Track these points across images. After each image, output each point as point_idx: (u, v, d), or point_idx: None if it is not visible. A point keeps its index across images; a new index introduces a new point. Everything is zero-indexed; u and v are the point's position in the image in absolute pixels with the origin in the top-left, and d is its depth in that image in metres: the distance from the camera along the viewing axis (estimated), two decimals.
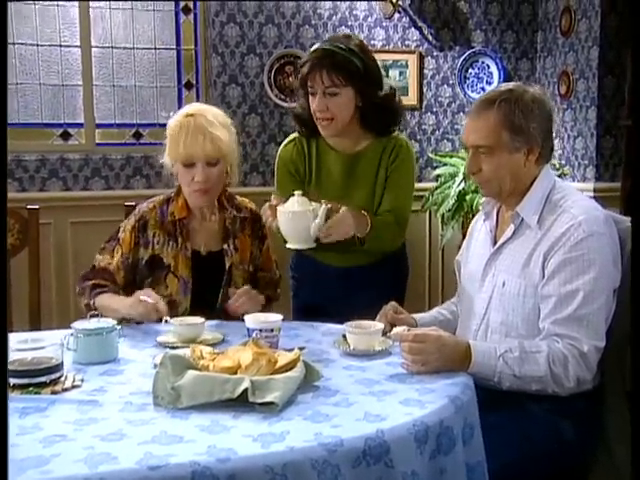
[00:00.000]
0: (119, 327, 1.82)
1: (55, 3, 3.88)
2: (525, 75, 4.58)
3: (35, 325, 2.56)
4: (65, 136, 3.97)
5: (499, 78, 4.46)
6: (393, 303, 2.00)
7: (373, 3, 4.23)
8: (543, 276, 1.76)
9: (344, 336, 1.86)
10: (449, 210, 3.99)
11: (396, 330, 1.70)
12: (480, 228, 2.02)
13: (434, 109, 4.43)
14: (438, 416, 1.39)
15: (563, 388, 1.69)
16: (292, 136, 2.43)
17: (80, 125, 3.99)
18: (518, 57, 4.57)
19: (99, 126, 4.01)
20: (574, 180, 4.24)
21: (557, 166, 4.15)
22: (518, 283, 1.80)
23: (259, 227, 2.30)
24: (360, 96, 2.21)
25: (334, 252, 2.35)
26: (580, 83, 4.21)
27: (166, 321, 1.96)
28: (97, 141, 3.99)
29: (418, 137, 4.42)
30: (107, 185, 3.88)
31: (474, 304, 1.92)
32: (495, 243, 1.91)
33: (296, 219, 2.04)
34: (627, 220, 1.87)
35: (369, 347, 1.81)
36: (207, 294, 2.18)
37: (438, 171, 4.22)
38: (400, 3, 4.24)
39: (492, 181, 1.84)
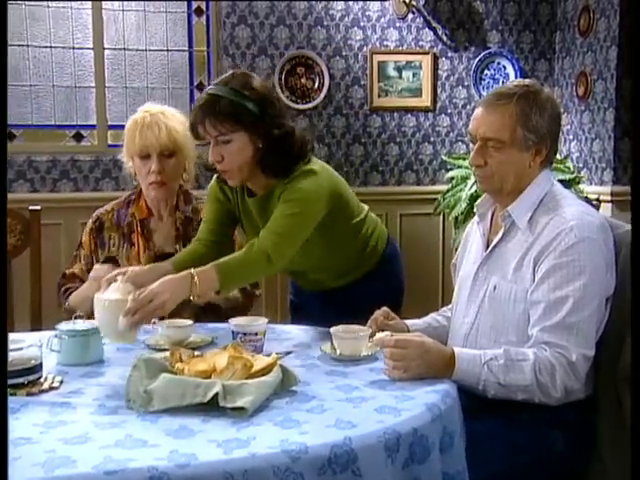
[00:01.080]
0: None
1: (69, 5, 3.92)
2: (543, 76, 4.50)
3: (36, 325, 2.57)
4: (77, 137, 4.01)
5: (515, 79, 4.39)
6: (385, 308, 1.96)
7: (386, 3, 4.20)
8: (533, 281, 1.71)
9: (332, 341, 1.83)
10: (461, 213, 3.93)
11: (379, 335, 1.67)
12: (475, 231, 1.98)
13: (448, 111, 4.38)
14: (411, 424, 1.36)
15: (550, 398, 1.64)
16: (215, 180, 2.23)
17: (92, 127, 4.02)
18: (536, 58, 4.50)
19: (111, 127, 4.03)
20: (591, 183, 4.16)
21: (572, 169, 4.08)
22: (509, 287, 1.75)
23: None
24: (258, 138, 1.99)
25: (307, 277, 2.31)
26: (598, 84, 4.12)
27: (154, 323, 1.95)
28: (109, 142, 4.01)
29: (432, 139, 4.37)
30: (117, 186, 3.89)
31: (466, 308, 1.88)
32: (488, 246, 1.87)
33: (111, 309, 1.71)
34: (624, 225, 1.82)
35: (355, 352, 1.78)
36: None
37: (451, 173, 4.17)
38: (414, 3, 4.19)
39: (495, 177, 1.79)
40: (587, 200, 4.05)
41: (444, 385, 1.57)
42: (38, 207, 2.63)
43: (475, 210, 1.95)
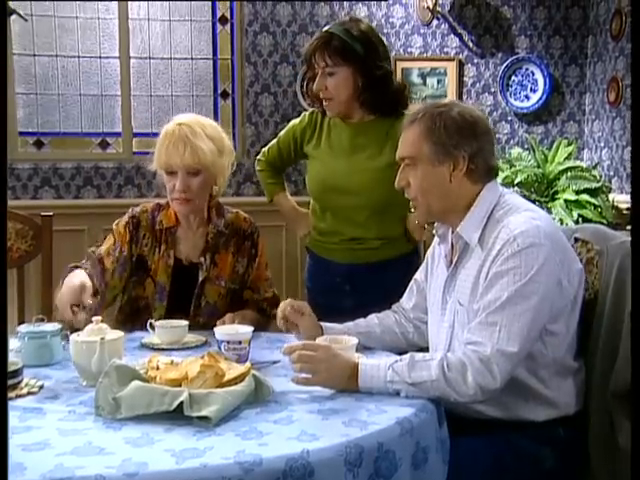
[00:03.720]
0: (63, 331, 1.83)
1: (96, 16, 3.99)
2: (574, 82, 4.41)
3: None
4: (103, 145, 4.08)
5: (544, 85, 4.31)
6: (290, 301, 1.92)
7: (410, 10, 4.16)
8: None
9: None
10: None
11: (288, 344, 1.66)
12: (439, 254, 1.89)
13: None
14: (377, 439, 1.32)
15: (463, 395, 1.54)
16: (311, 109, 2.58)
17: (118, 134, 4.09)
18: (566, 63, 4.40)
19: (137, 135, 4.09)
20: (622, 192, 4.04)
21: (598, 178, 3.96)
22: (467, 311, 1.68)
23: (250, 245, 2.25)
24: (360, 76, 2.31)
25: (339, 247, 2.44)
26: (630, 90, 4.01)
27: (150, 324, 1.97)
28: (134, 150, 4.07)
29: None
30: (139, 193, 3.94)
31: (438, 334, 1.81)
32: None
33: (87, 350, 1.65)
34: (621, 236, 1.75)
35: None
36: (183, 303, 2.18)
37: None
38: (439, 9, 4.15)
39: (419, 198, 1.75)
40: (616, 209, 3.94)
41: (421, 399, 1.53)
42: (50, 213, 2.67)
43: (434, 232, 1.89)
